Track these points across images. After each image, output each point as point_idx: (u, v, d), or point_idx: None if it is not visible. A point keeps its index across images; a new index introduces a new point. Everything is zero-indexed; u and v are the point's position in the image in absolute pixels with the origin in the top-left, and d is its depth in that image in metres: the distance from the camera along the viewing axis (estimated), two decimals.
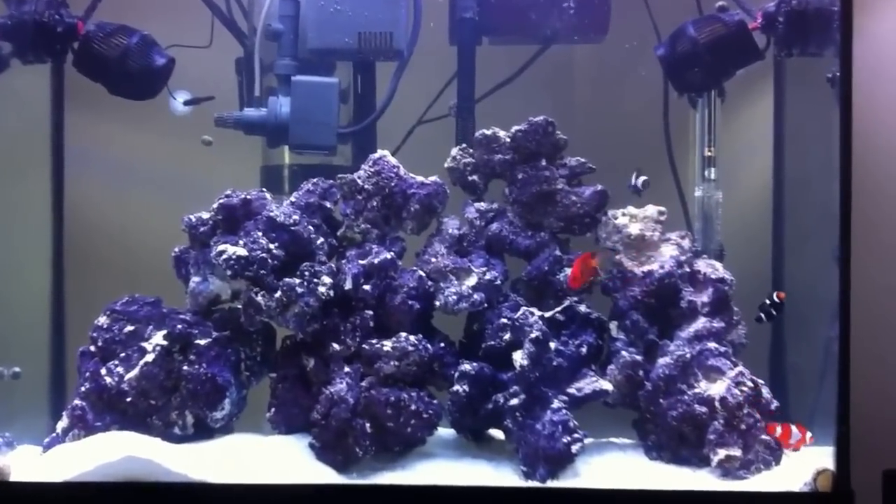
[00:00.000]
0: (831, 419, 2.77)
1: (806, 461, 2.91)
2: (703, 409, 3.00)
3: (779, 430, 2.95)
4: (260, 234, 3.08)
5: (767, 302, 3.17)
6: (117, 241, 3.70)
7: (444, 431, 3.18)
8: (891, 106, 3.39)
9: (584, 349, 3.12)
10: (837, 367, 2.75)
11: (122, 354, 3.10)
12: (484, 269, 3.17)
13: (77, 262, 3.52)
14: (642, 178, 3.22)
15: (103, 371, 3.08)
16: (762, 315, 3.18)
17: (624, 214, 3.25)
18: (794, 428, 2.96)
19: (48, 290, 3.48)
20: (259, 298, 3.03)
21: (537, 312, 3.09)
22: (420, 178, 3.22)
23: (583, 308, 3.16)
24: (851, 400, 2.75)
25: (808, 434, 2.98)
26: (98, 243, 3.67)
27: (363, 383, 3.00)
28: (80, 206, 3.57)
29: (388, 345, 3.02)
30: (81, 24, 3.33)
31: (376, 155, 3.23)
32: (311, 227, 3.14)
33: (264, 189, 3.25)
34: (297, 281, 3.02)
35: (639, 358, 3.12)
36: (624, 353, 3.13)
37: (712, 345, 3.09)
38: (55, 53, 3.36)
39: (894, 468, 3.11)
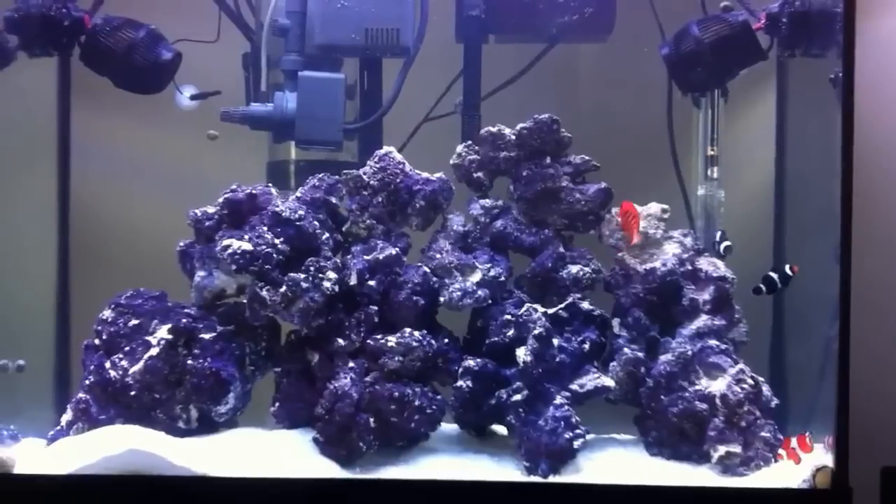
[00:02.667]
0: (831, 417, 2.79)
1: (805, 458, 2.93)
2: (704, 406, 3.02)
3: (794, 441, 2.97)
4: (265, 228, 3.09)
5: (772, 274, 3.17)
6: (122, 235, 3.70)
7: (448, 427, 3.21)
8: (892, 107, 3.41)
9: (586, 346, 3.13)
10: (837, 364, 2.77)
11: (127, 348, 3.11)
12: (488, 265, 3.18)
13: (82, 255, 3.54)
14: (726, 243, 3.24)
15: (108, 364, 3.09)
16: (762, 286, 3.18)
17: None
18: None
19: (53, 284, 3.50)
20: (264, 293, 3.04)
21: (541, 309, 3.11)
22: (425, 175, 3.23)
23: (585, 305, 3.18)
24: (850, 398, 2.76)
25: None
26: (103, 237, 3.67)
27: (367, 378, 3.02)
28: (86, 199, 3.58)
29: (392, 340, 3.03)
30: (88, 17, 3.33)
31: (382, 151, 3.24)
32: (316, 223, 3.15)
33: (270, 184, 3.26)
34: (302, 276, 3.03)
35: (640, 355, 3.15)
36: (626, 349, 3.15)
37: (713, 342, 3.11)
38: (62, 47, 3.35)
39: (892, 465, 3.13)
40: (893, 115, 3.39)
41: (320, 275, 3.05)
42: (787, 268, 3.15)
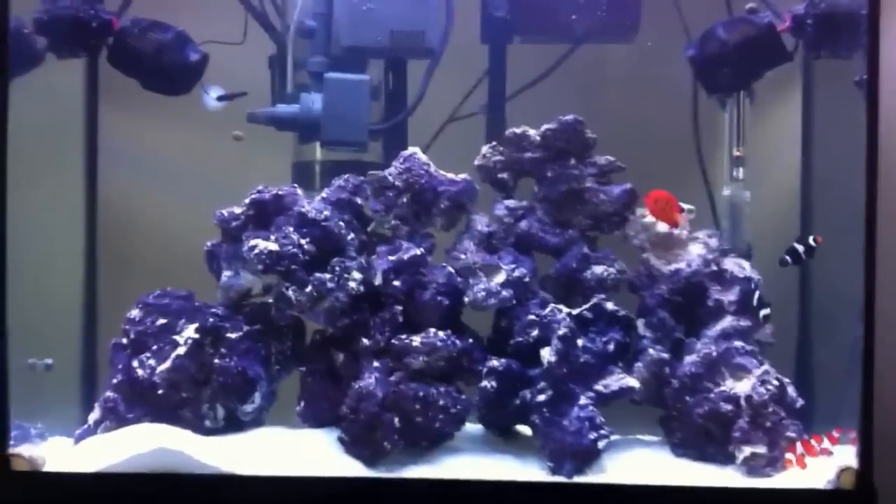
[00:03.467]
0: (856, 418, 2.78)
1: (830, 459, 2.95)
2: (729, 407, 3.02)
3: (799, 448, 2.98)
4: (291, 229, 3.11)
5: (796, 245, 3.16)
6: (149, 235, 3.74)
7: (472, 427, 3.21)
8: None
9: (611, 346, 3.13)
10: (861, 365, 2.77)
11: (154, 347, 3.14)
12: (513, 266, 3.18)
13: (109, 255, 3.57)
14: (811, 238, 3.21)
15: (135, 363, 3.11)
16: (787, 257, 3.17)
17: None
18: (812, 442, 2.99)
19: (81, 284, 3.53)
20: (290, 293, 3.06)
21: (565, 309, 3.11)
22: (450, 176, 3.24)
23: (610, 305, 3.17)
24: (876, 399, 2.76)
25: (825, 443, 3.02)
26: (130, 237, 3.71)
27: (392, 378, 3.03)
28: (113, 199, 3.61)
29: (416, 340, 3.04)
30: (116, 19, 3.37)
31: (407, 152, 3.25)
32: (341, 223, 3.17)
33: (296, 185, 3.28)
34: (328, 276, 3.06)
35: (665, 356, 3.14)
36: (651, 350, 3.15)
37: (738, 343, 3.10)
38: (90, 48, 3.39)
39: None
40: None
41: (346, 275, 3.07)
42: (811, 239, 3.15)
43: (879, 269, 2.77)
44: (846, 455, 2.88)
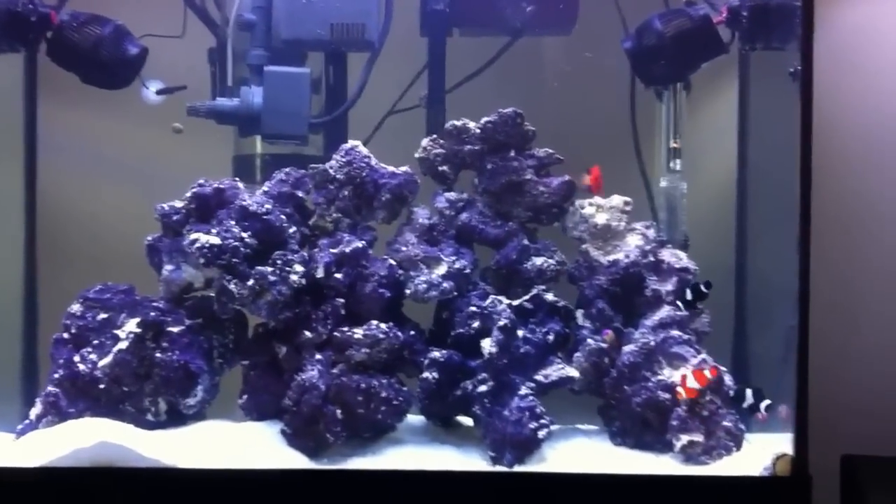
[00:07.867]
0: (791, 405, 2.83)
1: (767, 447, 2.97)
2: (667, 396, 3.06)
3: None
4: (233, 222, 3.10)
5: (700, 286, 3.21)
6: (90, 229, 3.71)
7: (414, 418, 3.23)
8: (852, 98, 3.46)
9: (550, 337, 3.16)
10: (796, 353, 2.81)
11: (96, 342, 3.13)
12: (453, 257, 3.20)
13: (50, 250, 3.54)
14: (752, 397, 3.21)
15: (77, 358, 3.11)
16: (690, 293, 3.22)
17: (591, 205, 3.29)
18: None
19: (21, 278, 3.50)
20: (231, 286, 3.06)
21: (505, 301, 3.14)
22: (391, 168, 3.25)
23: (550, 296, 3.21)
24: (810, 386, 2.80)
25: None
26: (71, 231, 3.67)
27: (334, 370, 3.04)
28: (53, 194, 3.58)
29: (358, 332, 3.06)
30: (55, 13, 3.35)
31: (348, 145, 3.25)
32: (283, 216, 3.16)
33: (237, 178, 3.27)
34: (270, 269, 3.05)
35: (604, 345, 3.17)
36: (590, 340, 3.17)
37: (676, 332, 3.14)
38: (29, 43, 3.37)
39: (852, 453, 3.19)
40: (852, 106, 3.44)
41: (287, 268, 3.07)
42: (701, 285, 3.20)
43: (814, 258, 2.81)
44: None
